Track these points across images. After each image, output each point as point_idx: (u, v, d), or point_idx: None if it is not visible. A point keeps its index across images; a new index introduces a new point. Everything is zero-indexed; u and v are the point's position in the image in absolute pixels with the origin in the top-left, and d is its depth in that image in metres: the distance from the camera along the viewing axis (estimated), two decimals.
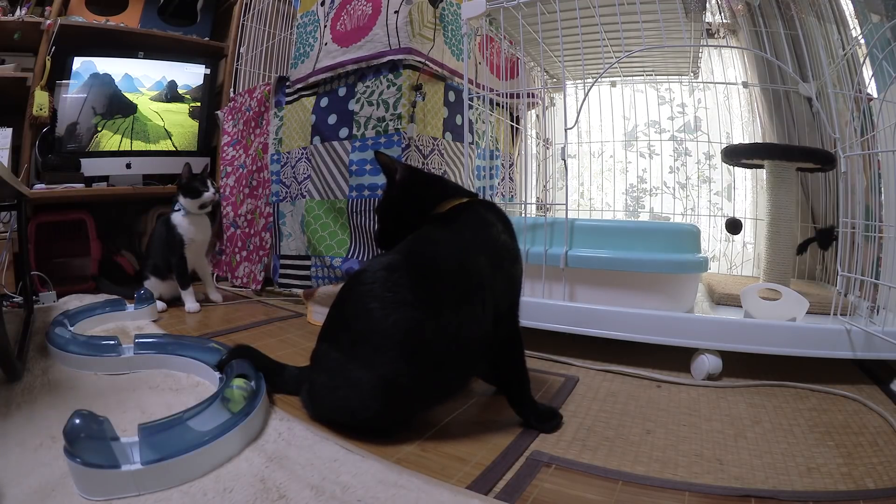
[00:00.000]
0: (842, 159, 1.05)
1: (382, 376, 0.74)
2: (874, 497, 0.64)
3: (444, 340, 0.75)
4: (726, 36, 1.72)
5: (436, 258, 0.80)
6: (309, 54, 1.72)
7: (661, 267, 1.17)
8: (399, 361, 0.74)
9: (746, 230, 1.76)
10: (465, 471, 0.71)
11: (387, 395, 0.75)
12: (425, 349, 0.74)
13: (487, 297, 0.78)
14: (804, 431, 0.83)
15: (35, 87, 1.93)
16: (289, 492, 0.64)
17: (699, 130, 1.97)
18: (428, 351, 0.74)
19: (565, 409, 0.91)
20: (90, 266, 2.03)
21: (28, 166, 1.98)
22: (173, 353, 1.10)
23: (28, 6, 2.02)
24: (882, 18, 1.15)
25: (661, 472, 0.71)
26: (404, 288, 0.75)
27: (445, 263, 0.79)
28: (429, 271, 0.78)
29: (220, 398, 0.79)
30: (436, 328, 0.74)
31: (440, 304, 0.75)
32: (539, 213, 1.92)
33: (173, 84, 2.31)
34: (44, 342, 1.21)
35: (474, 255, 0.80)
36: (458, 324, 0.75)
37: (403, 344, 0.74)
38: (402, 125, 1.43)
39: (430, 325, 0.74)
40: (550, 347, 1.23)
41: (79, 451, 0.63)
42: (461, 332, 0.76)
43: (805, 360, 1.03)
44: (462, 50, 1.58)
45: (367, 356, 0.75)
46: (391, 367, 0.74)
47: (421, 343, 0.74)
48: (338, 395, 0.78)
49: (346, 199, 1.56)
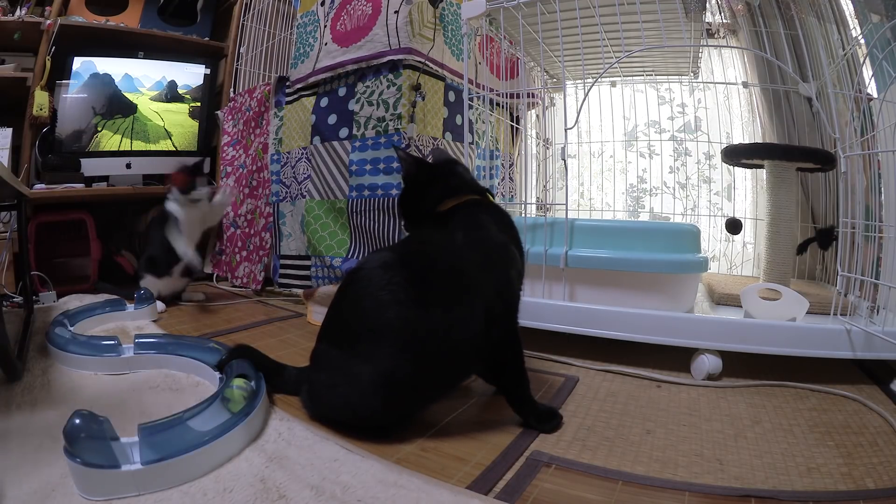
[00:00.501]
0: (842, 159, 1.05)
1: (380, 372, 0.75)
2: (874, 497, 0.64)
3: (436, 339, 0.76)
4: (726, 36, 1.72)
5: (428, 258, 0.81)
6: (309, 54, 1.72)
7: (661, 267, 1.17)
8: (395, 357, 0.75)
9: (746, 230, 1.76)
10: (465, 471, 0.71)
11: (385, 391, 0.75)
12: (419, 346, 0.75)
13: (478, 298, 0.79)
14: (804, 431, 0.83)
15: (35, 87, 1.93)
16: (289, 492, 0.64)
17: (699, 130, 1.97)
18: (422, 348, 0.75)
19: (565, 409, 0.91)
20: (90, 266, 2.03)
21: (28, 166, 1.98)
22: (173, 353, 1.10)
23: (28, 6, 2.02)
24: (882, 18, 1.15)
25: (661, 472, 0.71)
26: (398, 286, 0.76)
27: (437, 263, 0.80)
28: (421, 270, 0.79)
29: (220, 398, 0.79)
30: (428, 326, 0.75)
31: (431, 302, 0.76)
32: (539, 213, 1.92)
33: (173, 84, 2.31)
34: (44, 342, 1.21)
35: (465, 257, 0.81)
36: (448, 323, 0.76)
37: (398, 341, 0.75)
38: (402, 125, 1.43)
39: (422, 324, 0.75)
40: (550, 347, 1.23)
41: (79, 451, 0.63)
42: (452, 332, 0.76)
43: (805, 360, 1.02)
44: (462, 50, 1.58)
45: (365, 353, 0.76)
46: (388, 362, 0.75)
47: (415, 340, 0.75)
48: (337, 392, 0.79)
49: (346, 199, 1.56)
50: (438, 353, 0.76)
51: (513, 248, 0.88)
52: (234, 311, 1.72)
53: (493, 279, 0.82)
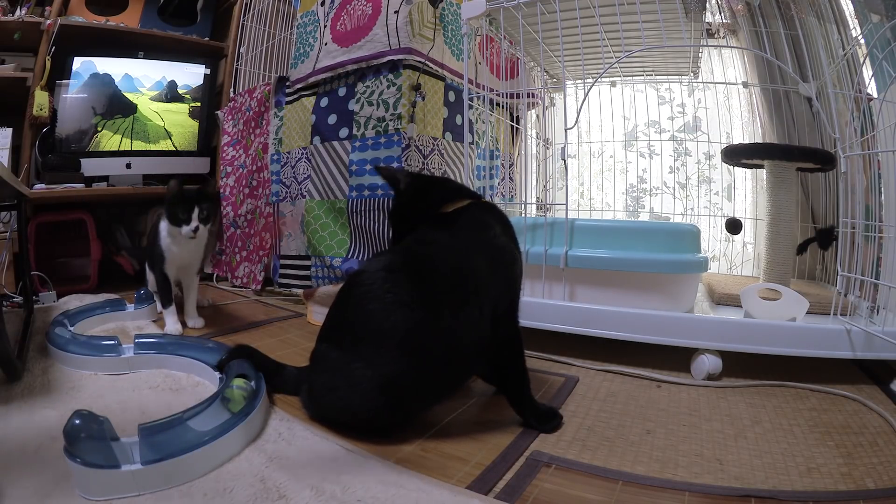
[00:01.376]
0: (842, 159, 1.05)
1: (383, 375, 0.74)
2: (874, 497, 0.64)
3: (442, 341, 0.75)
4: (726, 36, 1.72)
5: (433, 260, 0.80)
6: (309, 54, 1.72)
7: (661, 267, 1.17)
8: (399, 361, 0.74)
9: (746, 230, 1.76)
10: (465, 471, 0.71)
11: (387, 394, 0.75)
12: (424, 349, 0.75)
13: (484, 298, 0.79)
14: (804, 431, 0.83)
15: (35, 87, 1.93)
16: (289, 492, 0.64)
17: (699, 130, 1.97)
18: (427, 351, 0.75)
19: (565, 409, 0.91)
20: (90, 266, 2.03)
21: (28, 166, 1.98)
22: (173, 353, 1.11)
23: (28, 6, 2.02)
24: (882, 18, 1.15)
25: (661, 472, 0.71)
26: (403, 289, 0.76)
27: (442, 265, 0.79)
28: (426, 273, 0.78)
29: (220, 398, 0.79)
30: (434, 329, 0.75)
31: (438, 305, 0.76)
32: (539, 213, 1.92)
33: (173, 84, 2.31)
34: (44, 342, 1.21)
35: (471, 258, 0.81)
36: (455, 325, 0.76)
37: (403, 344, 0.74)
38: (402, 125, 1.43)
39: (428, 326, 0.75)
40: (550, 347, 1.23)
41: (79, 451, 0.63)
42: (458, 333, 0.76)
43: (805, 360, 1.03)
44: (462, 50, 1.58)
45: (368, 356, 0.75)
46: (392, 366, 0.74)
47: (420, 343, 0.75)
48: (338, 394, 0.78)
49: (346, 199, 1.56)
50: (445, 355, 0.76)
51: (517, 248, 0.89)
52: (234, 311, 1.71)
53: (499, 279, 0.82)
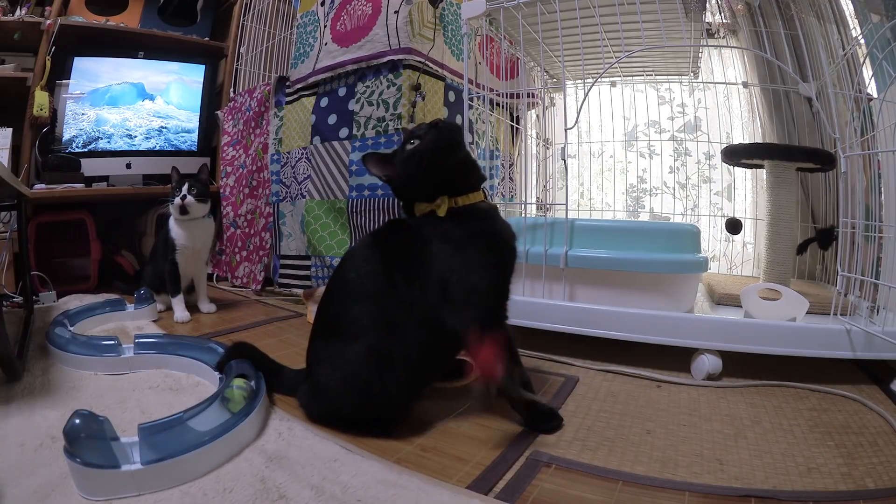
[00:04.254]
0: (842, 159, 1.05)
1: (368, 345, 0.79)
2: (874, 497, 0.64)
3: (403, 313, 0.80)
4: (726, 36, 1.72)
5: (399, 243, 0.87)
6: (309, 54, 1.72)
7: (661, 267, 1.17)
8: (378, 328, 0.79)
9: (746, 230, 1.76)
10: (465, 471, 0.71)
11: (376, 364, 0.78)
12: (392, 319, 0.80)
13: (430, 279, 0.81)
14: (804, 431, 0.82)
15: (35, 87, 1.94)
16: (289, 492, 0.64)
17: (699, 130, 1.97)
18: (395, 322, 0.80)
19: (565, 409, 0.91)
20: (90, 266, 2.03)
21: (28, 166, 1.98)
22: (173, 353, 1.11)
23: (28, 6, 2.02)
24: (882, 18, 1.15)
25: (661, 472, 0.71)
26: (376, 260, 0.84)
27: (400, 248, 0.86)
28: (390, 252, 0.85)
29: (220, 398, 0.79)
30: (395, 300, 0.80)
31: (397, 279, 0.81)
32: (539, 213, 1.92)
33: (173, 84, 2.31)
34: (44, 342, 1.21)
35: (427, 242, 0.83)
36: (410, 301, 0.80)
37: (377, 311, 0.80)
38: (402, 125, 1.43)
39: (392, 295, 0.81)
40: (550, 347, 1.23)
41: (79, 451, 0.63)
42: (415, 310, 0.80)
43: (805, 360, 1.02)
44: (462, 50, 1.58)
45: (352, 329, 0.81)
46: (372, 334, 0.79)
47: (388, 312, 0.80)
48: (336, 377, 0.80)
49: (346, 199, 1.56)
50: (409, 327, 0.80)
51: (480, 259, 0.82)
52: (234, 310, 1.71)
53: (443, 266, 0.80)
